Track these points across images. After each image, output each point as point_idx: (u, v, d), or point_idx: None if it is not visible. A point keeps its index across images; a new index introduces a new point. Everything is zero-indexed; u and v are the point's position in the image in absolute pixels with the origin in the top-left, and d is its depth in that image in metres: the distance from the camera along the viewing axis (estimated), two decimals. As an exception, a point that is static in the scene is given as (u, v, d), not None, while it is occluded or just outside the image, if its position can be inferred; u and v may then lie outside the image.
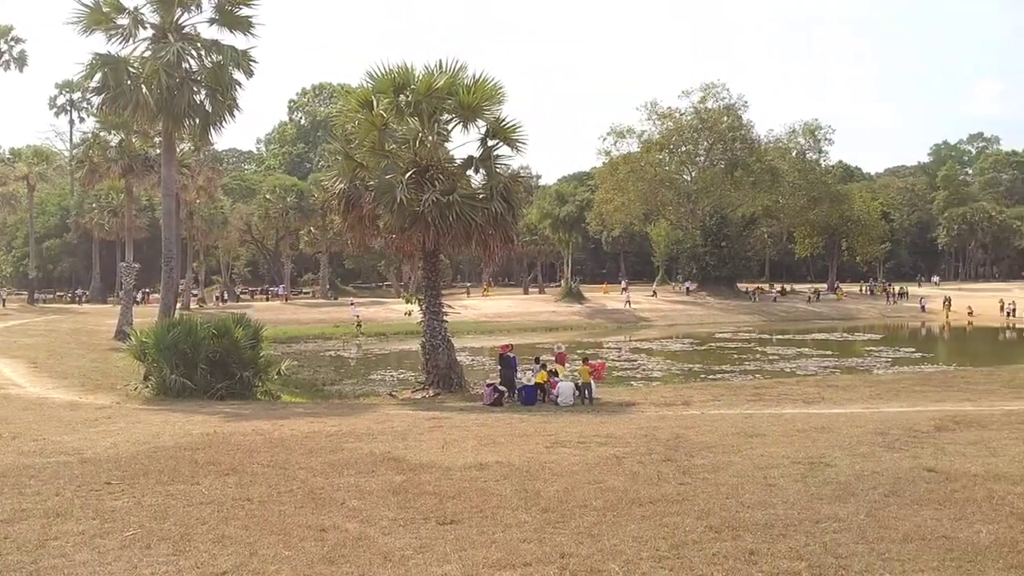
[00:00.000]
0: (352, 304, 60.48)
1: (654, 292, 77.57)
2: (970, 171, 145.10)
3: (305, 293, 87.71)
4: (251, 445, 12.27)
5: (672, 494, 8.62)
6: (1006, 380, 22.14)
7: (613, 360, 34.14)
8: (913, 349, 40.86)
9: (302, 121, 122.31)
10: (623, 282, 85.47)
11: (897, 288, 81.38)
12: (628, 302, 66.55)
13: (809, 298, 76.03)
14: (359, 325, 49.67)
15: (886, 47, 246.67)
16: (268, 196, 76.70)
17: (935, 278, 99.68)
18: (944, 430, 12.86)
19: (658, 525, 7.42)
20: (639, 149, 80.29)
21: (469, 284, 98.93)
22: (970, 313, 63.46)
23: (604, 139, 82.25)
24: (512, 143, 22.86)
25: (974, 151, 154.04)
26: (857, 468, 9.76)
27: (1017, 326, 57.41)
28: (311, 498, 8.72)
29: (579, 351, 31.98)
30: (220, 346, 20.61)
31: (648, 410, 17.60)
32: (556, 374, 20.40)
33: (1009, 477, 9.15)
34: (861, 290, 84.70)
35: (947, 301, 67.10)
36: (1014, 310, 61.74)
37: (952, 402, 17.62)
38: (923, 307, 69.17)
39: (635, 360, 35.73)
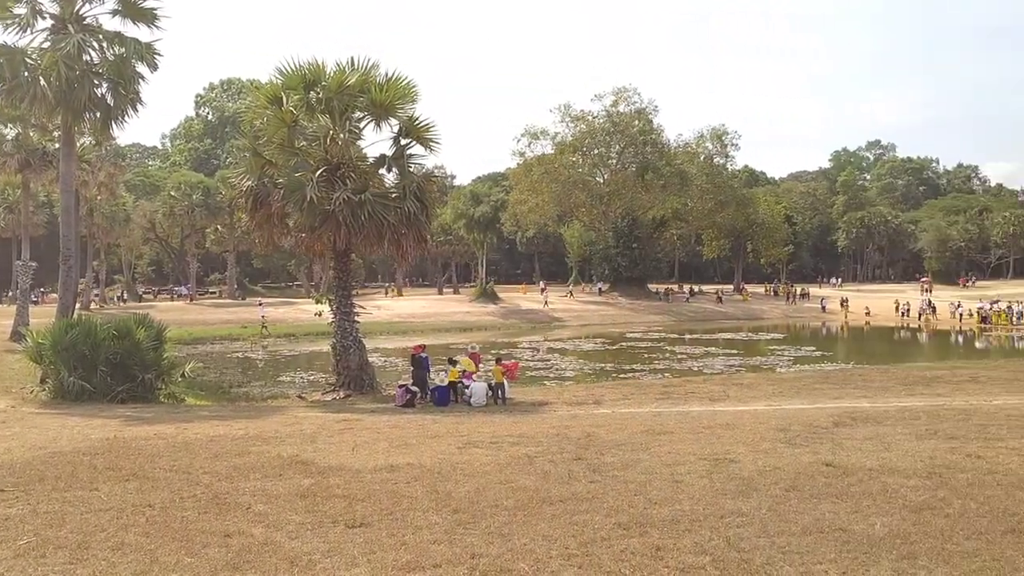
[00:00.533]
0: (260, 304, 59.22)
1: (571, 292, 78.42)
2: (868, 177, 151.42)
3: (212, 293, 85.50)
4: (153, 449, 11.88)
5: (582, 492, 8.70)
6: (900, 378, 23.13)
7: (527, 360, 34.32)
8: (814, 348, 42.31)
9: (209, 116, 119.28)
10: (542, 283, 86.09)
11: (799, 289, 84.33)
12: (547, 302, 67.38)
13: (720, 298, 78.04)
14: (264, 326, 48.67)
15: (790, 55, 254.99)
16: (173, 193, 74.58)
17: (834, 279, 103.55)
18: (842, 426, 13.35)
19: (568, 523, 7.48)
20: (553, 151, 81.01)
21: (388, 284, 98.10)
22: (867, 313, 66.23)
23: (518, 140, 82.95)
24: (426, 142, 22.71)
25: (872, 158, 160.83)
26: (760, 464, 10.04)
27: (911, 326, 60.09)
28: (215, 503, 8.49)
29: (493, 351, 32.04)
30: (121, 347, 19.89)
31: (560, 409, 17.75)
32: (468, 374, 20.42)
33: (902, 471, 9.54)
34: (766, 291, 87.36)
35: (844, 302, 69.92)
36: (908, 310, 64.69)
37: (850, 399, 18.31)
38: (823, 307, 71.80)
39: (548, 360, 35.99)
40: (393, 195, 22.28)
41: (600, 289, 78.34)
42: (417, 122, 22.41)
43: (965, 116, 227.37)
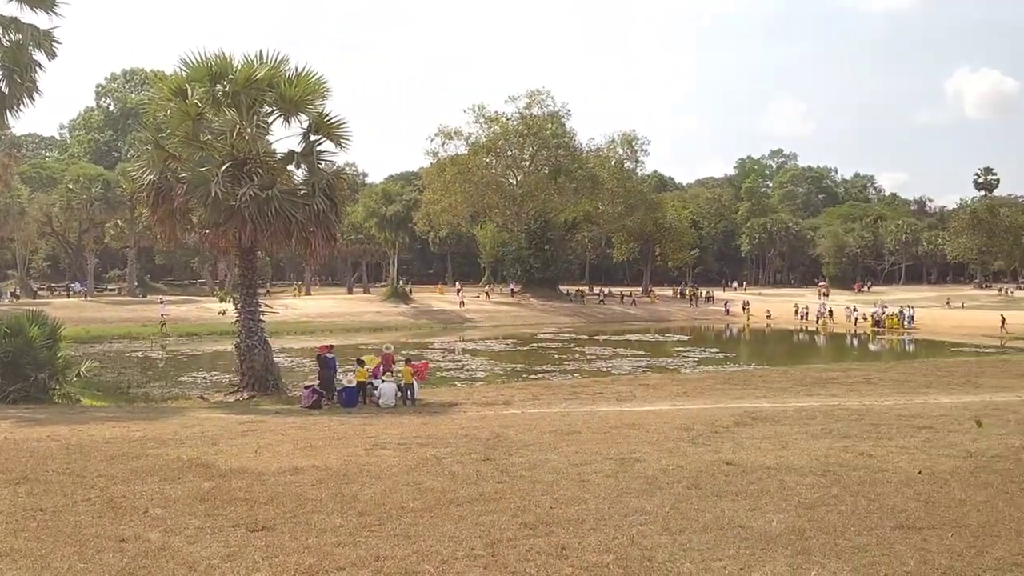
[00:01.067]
0: (161, 302, 57.32)
1: (487, 293, 78.36)
2: (771, 184, 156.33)
3: (111, 290, 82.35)
4: (45, 451, 11.36)
5: (490, 493, 8.70)
6: (798, 379, 23.95)
7: (437, 361, 34.20)
8: (717, 350, 43.43)
9: (111, 107, 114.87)
10: (458, 283, 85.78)
11: (704, 292, 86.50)
12: (463, 302, 67.47)
13: (635, 300, 79.43)
14: (163, 325, 47.15)
15: (698, 65, 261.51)
16: (71, 186, 71.56)
17: (735, 283, 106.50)
18: (743, 425, 13.74)
19: (475, 524, 7.46)
20: (466, 151, 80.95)
21: (295, 283, 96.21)
22: (768, 316, 68.36)
23: (432, 140, 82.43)
24: (336, 139, 22.40)
25: (775, 166, 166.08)
26: (664, 463, 10.23)
27: (809, 329, 62.26)
28: (110, 507, 8.16)
29: (404, 352, 31.81)
30: (13, 346, 19.04)
31: (470, 410, 17.75)
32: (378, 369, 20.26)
33: (798, 469, 9.86)
34: (674, 294, 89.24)
35: (746, 305, 72.08)
36: (807, 314, 67.03)
37: (750, 399, 18.86)
38: (727, 310, 73.80)
39: (459, 360, 35.95)
40: (302, 192, 21.92)
41: (512, 290, 78.66)
42: (328, 118, 22.09)
43: (862, 127, 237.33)
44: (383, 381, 19.59)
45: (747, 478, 9.31)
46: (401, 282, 79.19)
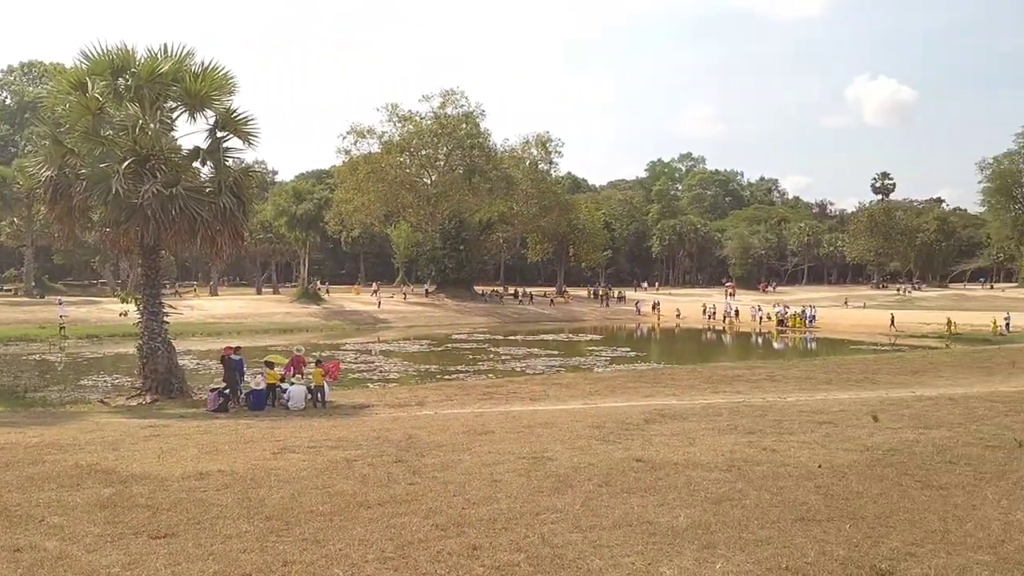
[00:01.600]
0: (60, 303, 54.95)
1: (404, 294, 77.58)
2: (680, 187, 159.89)
3: (7, 291, 78.68)
4: (-72, 462, 10.76)
5: (401, 495, 8.63)
6: (706, 377, 24.54)
7: (350, 362, 33.76)
8: (629, 349, 44.14)
9: (7, 101, 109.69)
10: (374, 284, 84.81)
11: (616, 292, 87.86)
12: (379, 303, 66.95)
13: (552, 300, 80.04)
14: (63, 327, 45.21)
15: (612, 68, 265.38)
16: (-36, 182, 68.12)
17: (644, 284, 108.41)
18: (652, 423, 13.98)
19: (385, 527, 7.39)
20: (380, 150, 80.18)
21: (194, 284, 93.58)
22: (678, 316, 69.93)
23: (344, 138, 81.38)
24: (244, 135, 21.89)
25: (684, 169, 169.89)
26: (575, 461, 10.33)
27: (717, 328, 63.87)
28: (4, 516, 7.79)
29: (315, 353, 31.29)
30: None
31: (382, 412, 17.58)
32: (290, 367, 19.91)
33: (705, 464, 10.09)
34: (588, 294, 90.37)
35: (656, 305, 73.57)
36: (714, 313, 68.79)
37: (660, 397, 19.23)
38: (638, 310, 75.09)
39: (372, 362, 35.58)
40: (208, 189, 21.36)
41: (427, 290, 78.32)
42: (235, 114, 21.56)
43: (768, 132, 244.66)
44: (292, 383, 19.23)
45: (656, 474, 9.48)
46: (316, 282, 77.99)
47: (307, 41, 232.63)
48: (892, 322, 56.24)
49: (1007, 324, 51.46)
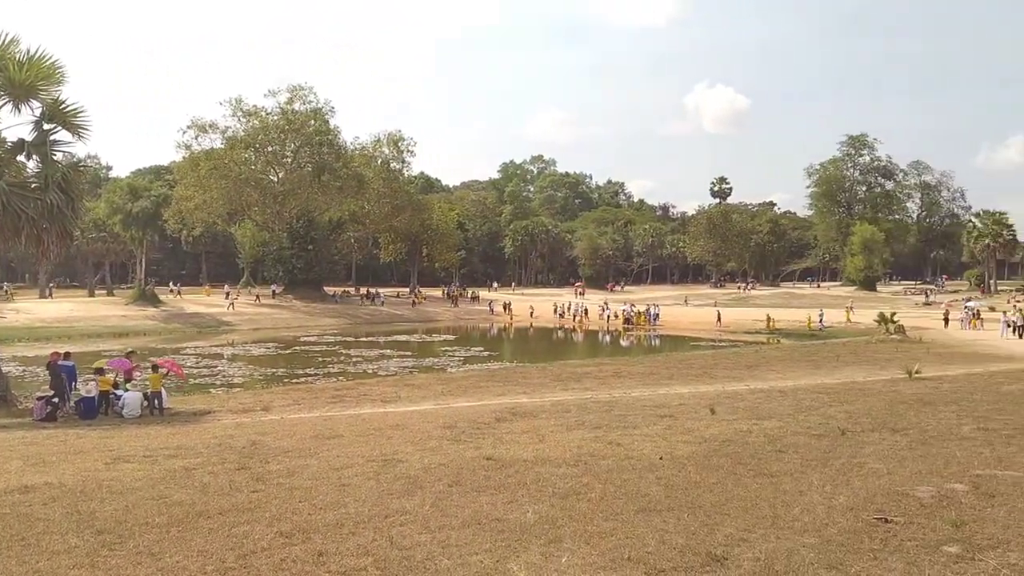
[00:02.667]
0: None
1: (257, 296, 74.23)
2: (532, 188, 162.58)
3: None
4: None
5: (244, 503, 8.34)
6: (556, 374, 25.01)
7: (191, 367, 32.34)
8: (482, 348, 44.47)
9: None
10: (226, 286, 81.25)
11: (470, 292, 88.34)
12: (232, 304, 64.61)
13: (414, 301, 79.45)
14: None
15: (467, 69, 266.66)
16: None
17: (494, 284, 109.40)
18: (503, 421, 14.12)
19: (227, 536, 7.11)
20: (223, 145, 77.16)
21: (4, 286, 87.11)
22: (531, 315, 70.99)
23: (184, 132, 77.74)
24: (73, 128, 20.55)
25: (536, 171, 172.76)
26: (426, 461, 10.29)
27: (567, 327, 65.29)
28: None
29: (152, 358, 29.79)
30: None
31: (225, 418, 16.92)
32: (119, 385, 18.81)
33: (554, 460, 10.27)
34: (442, 294, 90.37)
35: (508, 305, 74.52)
36: (565, 312, 70.32)
37: (511, 395, 19.44)
38: (491, 310, 75.76)
39: (215, 366, 34.22)
40: (33, 185, 19.93)
41: (274, 291, 75.94)
42: (64, 106, 20.20)
43: (615, 136, 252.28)
44: (127, 390, 18.23)
45: (506, 472, 9.56)
46: (170, 284, 74.22)
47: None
48: (719, 319, 60.32)
49: (821, 320, 55.89)
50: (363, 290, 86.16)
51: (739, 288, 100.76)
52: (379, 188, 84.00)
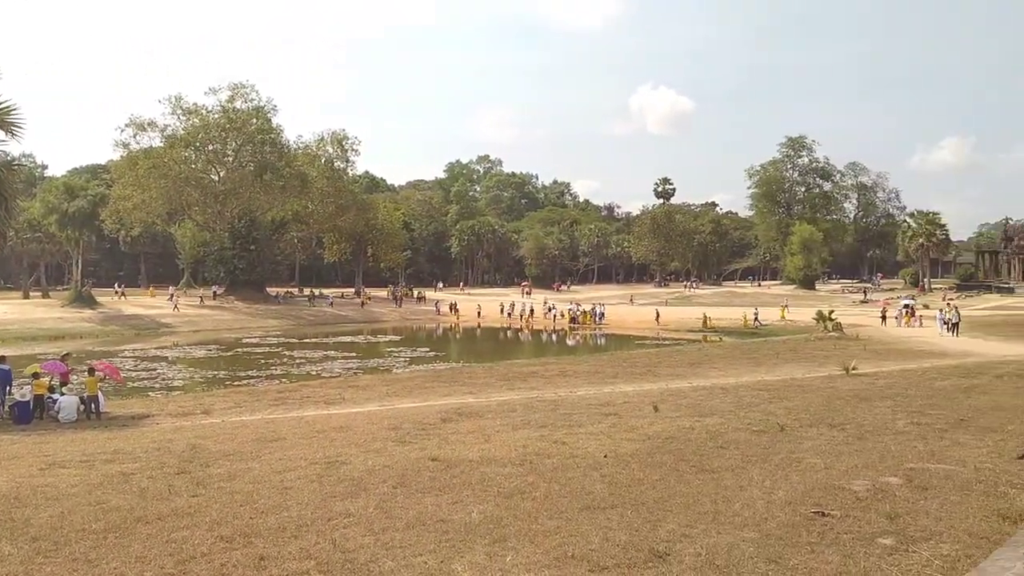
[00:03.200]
0: None
1: (201, 298, 72.39)
2: (478, 188, 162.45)
3: None
4: None
5: (184, 508, 8.19)
6: (502, 374, 25.03)
7: (129, 370, 31.62)
8: (428, 349, 44.29)
9: None
10: (171, 287, 79.44)
11: (416, 293, 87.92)
12: (177, 306, 63.46)
13: (364, 302, 78.63)
14: None
15: (413, 68, 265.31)
16: None
17: (440, 283, 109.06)
18: (449, 421, 14.09)
19: (165, 542, 6.99)
20: (162, 144, 75.57)
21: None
22: (478, 315, 70.96)
23: (122, 131, 75.95)
24: (7, 126, 20.03)
25: (482, 171, 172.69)
26: (370, 463, 10.22)
27: (514, 326, 65.39)
28: None
29: (89, 361, 29.06)
30: None
31: (164, 421, 16.59)
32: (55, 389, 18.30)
33: (499, 460, 10.28)
34: (388, 295, 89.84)
35: (453, 306, 74.39)
36: (511, 312, 70.44)
37: (457, 396, 19.40)
38: (438, 310, 75.52)
39: (154, 369, 33.50)
40: (-38, 184, 19.31)
41: (215, 292, 74.58)
42: (-6, 103, 19.63)
43: (561, 137, 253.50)
44: (63, 393, 17.76)
45: (451, 472, 9.54)
46: (115, 285, 72.25)
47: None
48: (657, 317, 61.36)
49: (756, 318, 57.37)
50: (307, 291, 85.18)
51: (684, 287, 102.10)
52: (323, 187, 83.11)
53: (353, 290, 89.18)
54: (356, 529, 7.23)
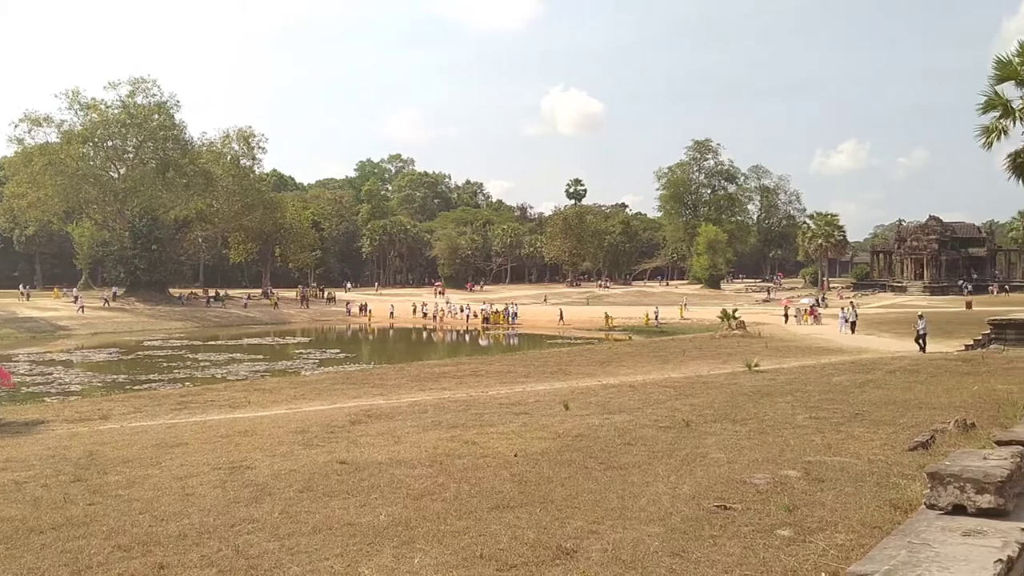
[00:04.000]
0: None
1: (105, 300, 69.42)
2: (390, 187, 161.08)
3: None
4: None
5: (79, 516, 7.89)
6: (413, 375, 24.89)
7: (23, 375, 30.26)
8: (339, 350, 43.76)
9: None
10: (75, 289, 75.97)
11: (326, 293, 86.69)
12: (82, 308, 60.89)
13: (276, 303, 76.91)
14: None
15: (320, 65, 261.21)
16: None
17: (348, 284, 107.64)
18: (358, 423, 13.92)
19: (60, 552, 6.72)
20: (59, 140, 72.51)
21: None
22: (391, 315, 70.46)
23: (16, 126, 72.66)
24: None
25: (393, 170, 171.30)
26: (276, 468, 10.01)
27: (427, 326, 65.20)
28: None
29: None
30: None
31: (60, 427, 15.89)
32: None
33: (408, 462, 10.21)
34: (297, 296, 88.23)
35: (364, 307, 73.73)
36: (425, 312, 70.19)
37: (367, 397, 19.19)
38: (348, 311, 74.66)
39: (50, 373, 32.13)
40: None
41: (115, 294, 71.96)
42: None
43: (473, 137, 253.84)
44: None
45: (360, 475, 9.43)
46: (20, 287, 68.74)
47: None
48: (560, 317, 62.67)
49: (656, 316, 59.18)
50: (212, 291, 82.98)
51: (597, 286, 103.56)
52: (228, 185, 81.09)
53: (260, 291, 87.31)
54: (260, 535, 7.08)
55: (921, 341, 31.24)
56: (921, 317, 33.23)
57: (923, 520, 3.69)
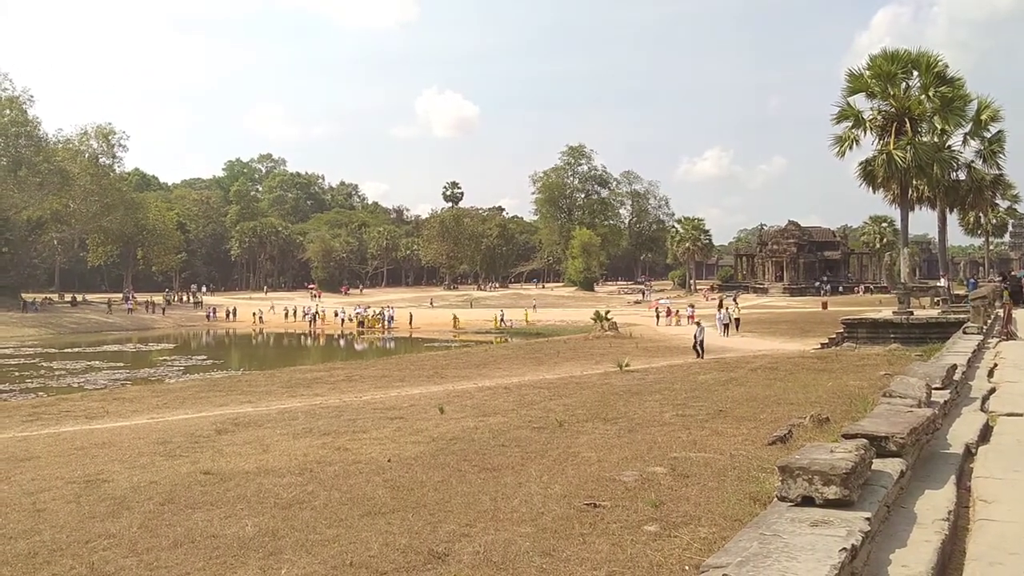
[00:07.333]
0: None
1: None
2: (260, 188, 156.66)
3: None
4: None
5: (-88, 540, 7.30)
6: (284, 381, 24.28)
7: None
8: (205, 356, 42.26)
9: None
10: None
11: (192, 297, 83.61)
12: None
13: (131, 308, 73.03)
14: None
15: (179, 58, 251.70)
16: None
17: (204, 288, 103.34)
18: (224, 432, 13.46)
19: None
20: None
21: None
22: (260, 320, 68.55)
23: None
24: None
25: (264, 170, 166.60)
26: (135, 480, 9.57)
27: (300, 331, 63.74)
28: None
29: None
30: None
31: None
32: None
33: (277, 470, 9.94)
34: (163, 300, 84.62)
35: (231, 311, 71.60)
36: (295, 316, 68.65)
37: (234, 405, 18.60)
38: (214, 315, 72.24)
39: None
40: None
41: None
42: None
43: (346, 137, 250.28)
44: None
45: (225, 486, 9.12)
46: None
47: None
48: (411, 320, 62.92)
49: (503, 319, 60.72)
50: (67, 296, 78.65)
51: (478, 288, 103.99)
52: (86, 185, 77.22)
53: (121, 295, 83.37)
54: (117, 551, 6.75)
55: (699, 348, 30.52)
56: (699, 324, 34.01)
57: (775, 512, 3.85)
